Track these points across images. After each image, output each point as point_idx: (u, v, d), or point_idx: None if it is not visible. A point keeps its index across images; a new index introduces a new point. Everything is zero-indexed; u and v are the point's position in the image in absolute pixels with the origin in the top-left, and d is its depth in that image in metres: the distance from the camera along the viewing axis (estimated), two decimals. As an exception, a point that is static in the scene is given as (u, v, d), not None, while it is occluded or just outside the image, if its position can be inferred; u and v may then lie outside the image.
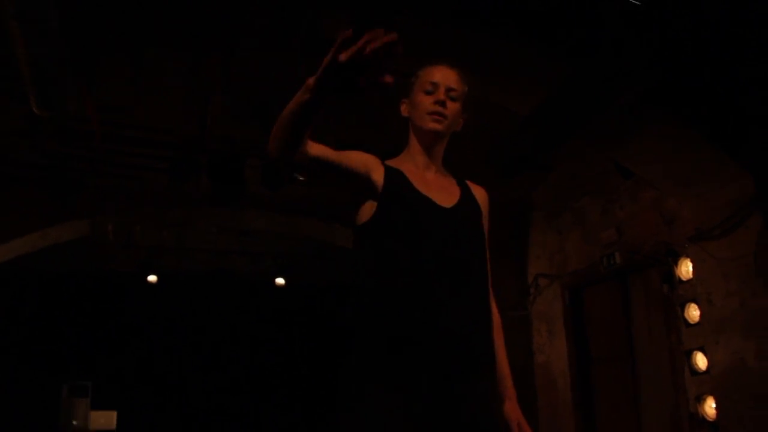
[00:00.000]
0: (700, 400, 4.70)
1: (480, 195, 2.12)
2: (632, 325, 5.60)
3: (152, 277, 8.30)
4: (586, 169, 6.01)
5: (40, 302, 8.55)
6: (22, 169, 5.84)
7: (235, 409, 9.04)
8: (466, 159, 2.68)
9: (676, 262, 4.98)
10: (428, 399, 1.76)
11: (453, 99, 2.03)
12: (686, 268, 4.92)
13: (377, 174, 1.93)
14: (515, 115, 4.75)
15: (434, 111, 2.00)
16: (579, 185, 6.14)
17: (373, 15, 3.74)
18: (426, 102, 2.02)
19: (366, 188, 1.92)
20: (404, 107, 2.10)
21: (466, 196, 2.07)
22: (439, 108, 2.00)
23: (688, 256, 4.90)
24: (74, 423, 7.03)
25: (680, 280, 4.96)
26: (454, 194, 2.03)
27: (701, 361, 4.73)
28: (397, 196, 1.92)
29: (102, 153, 5.57)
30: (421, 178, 2.00)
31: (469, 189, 2.11)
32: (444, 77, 2.03)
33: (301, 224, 6.94)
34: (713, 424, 4.58)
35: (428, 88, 2.03)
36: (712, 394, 4.62)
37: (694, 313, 4.82)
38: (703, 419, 4.66)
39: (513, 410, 1.98)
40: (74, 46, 3.83)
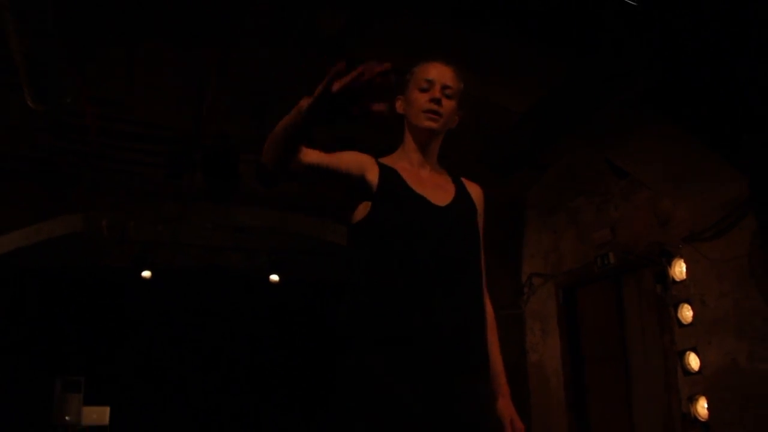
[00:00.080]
0: (692, 400, 4.72)
1: (475, 192, 2.12)
2: (625, 325, 5.61)
3: (146, 273, 8.28)
4: (581, 168, 6.02)
5: (33, 297, 8.51)
6: (16, 163, 5.81)
7: (230, 404, 9.03)
8: (461, 157, 2.68)
9: (670, 263, 5.00)
10: (423, 398, 1.76)
11: (448, 97, 2.02)
12: (680, 269, 4.94)
13: (372, 174, 1.93)
14: (511, 114, 4.75)
15: (429, 109, 1.99)
16: (573, 185, 6.15)
17: (373, 14, 3.75)
18: (421, 99, 2.01)
19: (361, 189, 1.92)
20: (399, 104, 2.09)
21: (461, 193, 2.06)
22: (434, 106, 1.99)
23: (681, 256, 4.91)
24: (67, 418, 7.01)
25: (674, 281, 4.97)
26: (449, 192, 2.03)
27: (694, 361, 4.75)
28: (391, 195, 1.91)
29: (97, 147, 5.55)
30: (415, 176, 2.00)
31: (464, 186, 2.10)
32: (439, 75, 2.02)
33: (296, 221, 6.93)
34: (705, 424, 4.59)
35: (423, 85, 2.02)
36: (704, 394, 4.64)
37: (687, 313, 4.84)
38: (695, 419, 4.68)
39: (506, 407, 1.98)
40: (69, 39, 3.81)
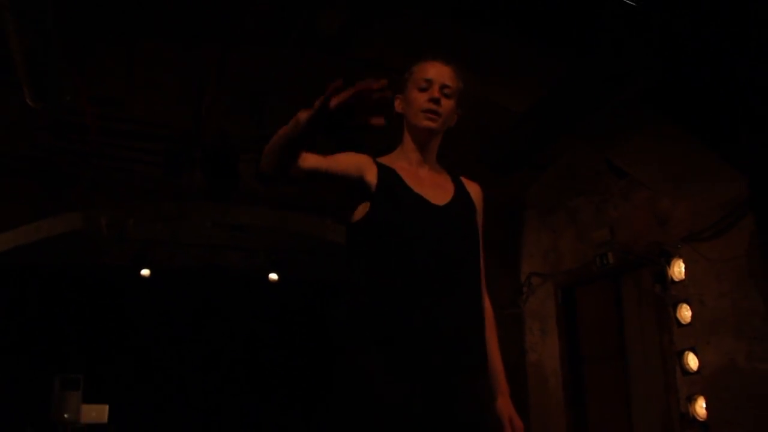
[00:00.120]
0: (691, 400, 4.72)
1: (474, 191, 2.12)
2: (624, 324, 5.61)
3: (145, 271, 8.28)
4: (581, 168, 6.02)
5: (32, 295, 8.51)
6: (15, 161, 5.81)
7: (228, 402, 9.04)
8: (461, 156, 2.68)
9: (669, 263, 5.00)
10: (422, 397, 1.76)
11: (447, 96, 2.01)
12: (679, 269, 4.94)
13: (370, 174, 1.93)
14: (511, 113, 4.75)
15: (428, 109, 1.98)
16: (573, 184, 6.15)
17: (373, 13, 3.75)
18: (420, 99, 2.00)
19: (360, 189, 1.92)
20: (398, 103, 2.08)
21: (460, 192, 2.06)
22: (433, 106, 1.98)
23: (680, 256, 4.91)
24: (66, 416, 7.01)
25: (672, 281, 4.97)
26: (448, 191, 2.03)
27: (692, 361, 4.75)
28: (389, 195, 1.91)
29: (96, 146, 5.55)
30: (414, 176, 2.00)
31: (463, 185, 2.10)
32: (438, 74, 2.01)
33: (295, 220, 6.93)
34: (704, 424, 4.60)
35: (422, 85, 2.01)
36: (702, 394, 4.64)
37: (685, 313, 4.84)
38: (693, 419, 4.68)
39: (505, 405, 1.98)
40: (69, 38, 3.81)
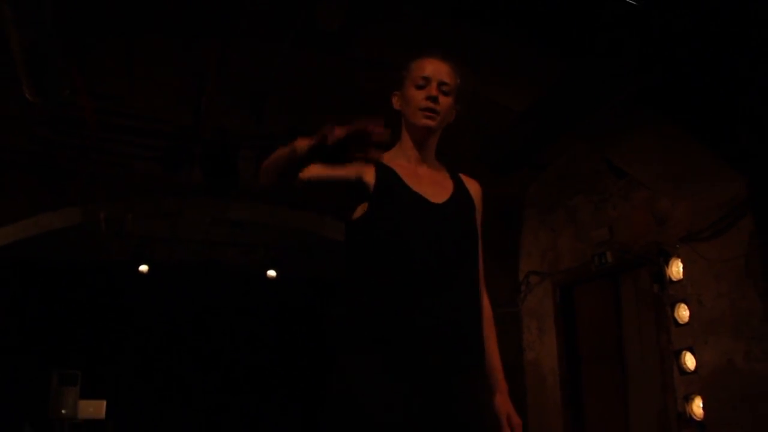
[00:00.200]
0: (688, 399, 4.73)
1: (474, 189, 2.10)
2: (622, 324, 5.61)
3: (144, 267, 8.28)
4: (580, 167, 6.02)
5: (30, 290, 8.51)
6: (14, 156, 5.79)
7: (226, 398, 9.04)
8: (460, 155, 2.67)
9: (667, 263, 5.00)
10: (420, 396, 1.76)
11: (445, 93, 1.99)
12: (677, 269, 4.94)
13: (368, 175, 1.92)
14: (510, 112, 4.75)
15: (426, 107, 1.96)
16: (572, 184, 6.15)
17: (372, 12, 3.74)
18: (418, 97, 1.98)
19: (359, 190, 1.91)
20: (396, 100, 2.07)
21: (459, 190, 2.05)
22: (431, 104, 1.96)
23: (679, 256, 4.91)
24: (63, 412, 7.01)
25: (671, 281, 4.97)
26: (446, 189, 2.01)
27: (690, 361, 4.75)
28: (387, 194, 1.91)
29: (95, 141, 5.54)
30: (413, 174, 1.99)
31: (462, 183, 2.08)
32: (436, 71, 1.99)
33: (294, 216, 6.92)
34: (701, 424, 4.60)
35: (420, 82, 1.98)
36: (700, 394, 4.65)
37: (683, 313, 4.84)
38: (690, 419, 4.69)
39: (503, 403, 1.96)
40: (68, 33, 3.80)
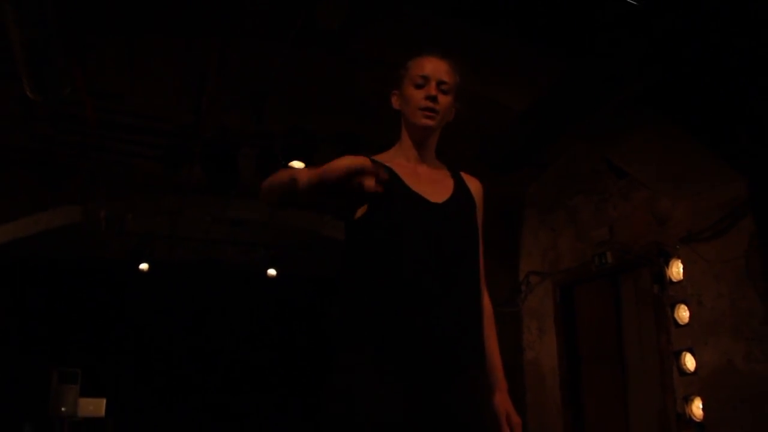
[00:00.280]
0: (687, 400, 4.72)
1: (474, 187, 2.09)
2: (622, 324, 5.61)
3: (144, 265, 8.28)
4: (580, 167, 6.01)
5: (30, 288, 8.52)
6: (14, 153, 5.80)
7: (226, 396, 9.05)
8: (460, 154, 2.67)
9: (667, 263, 5.00)
10: (420, 396, 1.75)
11: (444, 92, 1.98)
12: (677, 269, 4.94)
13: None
14: (511, 112, 4.74)
15: (426, 107, 1.95)
16: (572, 183, 6.14)
17: (372, 11, 3.74)
18: (417, 97, 1.97)
19: (360, 192, 1.91)
20: (395, 99, 2.05)
21: (460, 188, 2.04)
22: (430, 104, 1.95)
23: (679, 257, 4.91)
24: (63, 410, 7.01)
25: (671, 281, 4.97)
26: (446, 188, 2.00)
27: (690, 361, 4.75)
28: (386, 195, 1.90)
29: (95, 139, 5.54)
30: (412, 173, 1.98)
31: (463, 181, 2.07)
32: (434, 70, 1.98)
33: (294, 215, 6.93)
34: (700, 425, 4.60)
35: (419, 81, 1.97)
36: (699, 394, 4.64)
37: (683, 313, 4.84)
38: (690, 419, 4.68)
39: (503, 402, 1.96)
40: (69, 30, 3.80)
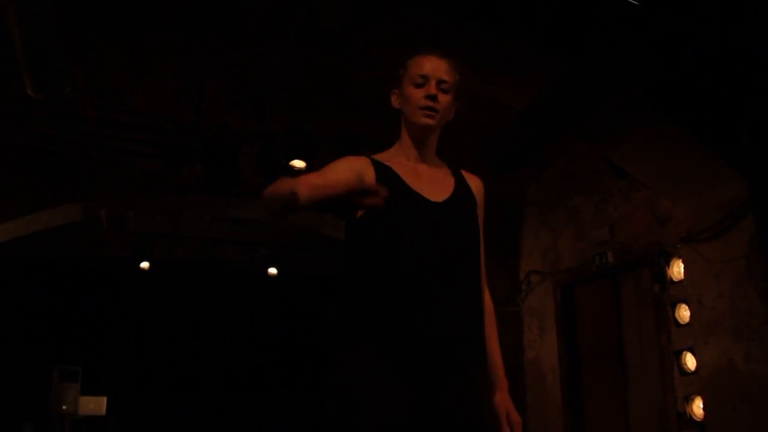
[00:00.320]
0: (688, 400, 4.72)
1: (475, 185, 2.08)
2: (623, 324, 5.61)
3: (145, 264, 8.28)
4: (580, 167, 6.01)
5: (31, 286, 8.52)
6: (15, 152, 5.80)
7: (226, 395, 9.05)
8: (460, 153, 2.67)
9: (668, 263, 5.00)
10: (420, 395, 1.76)
11: (444, 91, 1.97)
12: (678, 269, 4.94)
13: (369, 177, 1.91)
14: (511, 111, 4.74)
15: (426, 106, 1.95)
16: (573, 183, 6.14)
17: (373, 11, 3.74)
18: (417, 96, 1.96)
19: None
20: (395, 98, 2.05)
21: (461, 187, 2.03)
22: (430, 103, 1.95)
23: (679, 256, 4.91)
24: (64, 408, 7.01)
25: (671, 281, 4.97)
26: (447, 186, 2.00)
27: (690, 361, 4.75)
28: (387, 195, 1.90)
29: (96, 138, 5.54)
30: (412, 172, 1.98)
31: (464, 179, 2.07)
32: (434, 69, 1.97)
33: (295, 215, 6.92)
34: (701, 424, 4.60)
35: (418, 81, 1.97)
36: (700, 394, 4.64)
37: (684, 313, 4.84)
38: (690, 419, 4.68)
39: (503, 400, 1.95)
40: (70, 29, 3.80)
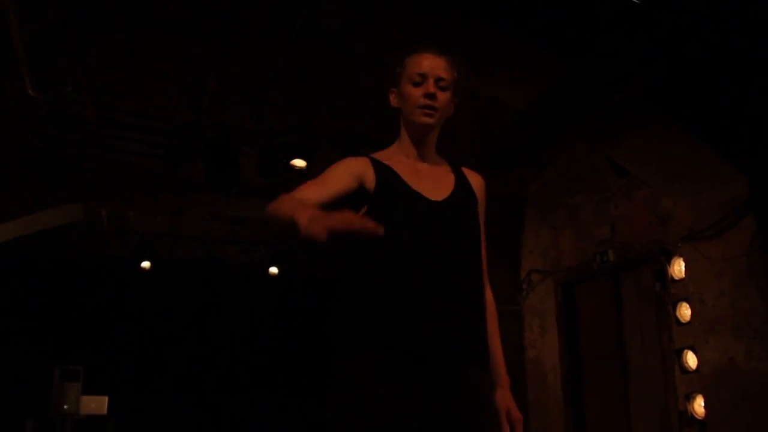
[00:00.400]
0: (689, 398, 4.72)
1: (476, 182, 2.08)
2: (624, 322, 5.61)
3: (145, 263, 8.28)
4: (581, 166, 6.01)
5: (32, 286, 8.52)
6: (16, 152, 5.80)
7: (227, 395, 9.04)
8: (461, 152, 2.67)
9: (669, 261, 4.99)
10: (421, 394, 1.76)
11: (443, 89, 1.96)
12: (679, 268, 4.94)
13: (368, 179, 1.91)
14: (512, 110, 4.74)
15: (425, 105, 1.94)
16: (573, 182, 6.14)
17: (374, 9, 3.74)
18: (415, 95, 1.95)
19: (362, 195, 1.91)
20: (393, 97, 2.04)
21: (461, 184, 2.02)
22: (428, 101, 1.94)
23: (680, 255, 4.91)
24: (65, 407, 7.00)
25: (672, 279, 4.97)
26: (447, 184, 1.99)
27: (691, 359, 4.75)
28: (387, 195, 1.89)
29: (97, 137, 5.54)
30: (412, 171, 1.97)
31: (464, 177, 2.06)
32: (432, 67, 1.96)
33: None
34: (702, 423, 4.60)
35: (417, 79, 1.95)
36: (701, 392, 4.64)
37: (685, 312, 4.84)
38: (691, 417, 4.68)
39: (504, 397, 1.94)
40: (70, 28, 3.80)
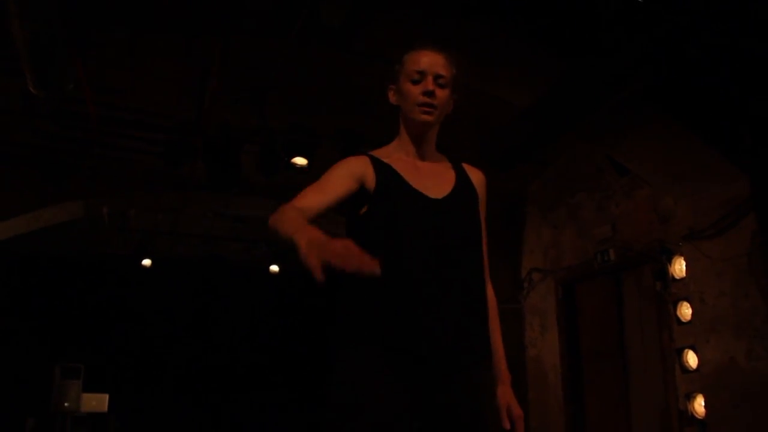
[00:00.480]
0: (689, 397, 4.72)
1: (477, 178, 2.07)
2: (624, 321, 5.61)
3: (146, 261, 8.29)
4: (582, 165, 6.01)
5: (33, 284, 8.53)
6: (17, 149, 5.80)
7: (228, 392, 9.06)
8: (461, 149, 2.67)
9: (670, 260, 4.99)
10: (421, 393, 1.76)
11: (442, 86, 1.95)
12: (679, 267, 4.93)
13: (369, 179, 1.91)
14: (512, 108, 4.74)
15: (424, 102, 1.93)
16: (575, 181, 6.14)
17: (375, 8, 3.73)
18: (414, 92, 1.94)
19: (363, 195, 1.91)
20: (392, 94, 2.03)
21: (462, 181, 2.02)
22: (427, 99, 1.93)
23: (681, 254, 4.90)
24: (66, 405, 7.02)
25: (673, 278, 4.96)
26: (447, 181, 1.98)
27: (692, 359, 4.75)
28: (387, 194, 1.89)
29: (98, 135, 5.54)
30: (412, 168, 1.96)
31: (465, 173, 2.05)
32: (430, 64, 1.95)
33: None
34: (702, 422, 4.60)
35: (415, 77, 1.95)
36: (701, 392, 4.64)
37: (686, 311, 4.84)
38: (692, 417, 4.68)
39: (505, 394, 1.95)
40: (72, 26, 3.80)
